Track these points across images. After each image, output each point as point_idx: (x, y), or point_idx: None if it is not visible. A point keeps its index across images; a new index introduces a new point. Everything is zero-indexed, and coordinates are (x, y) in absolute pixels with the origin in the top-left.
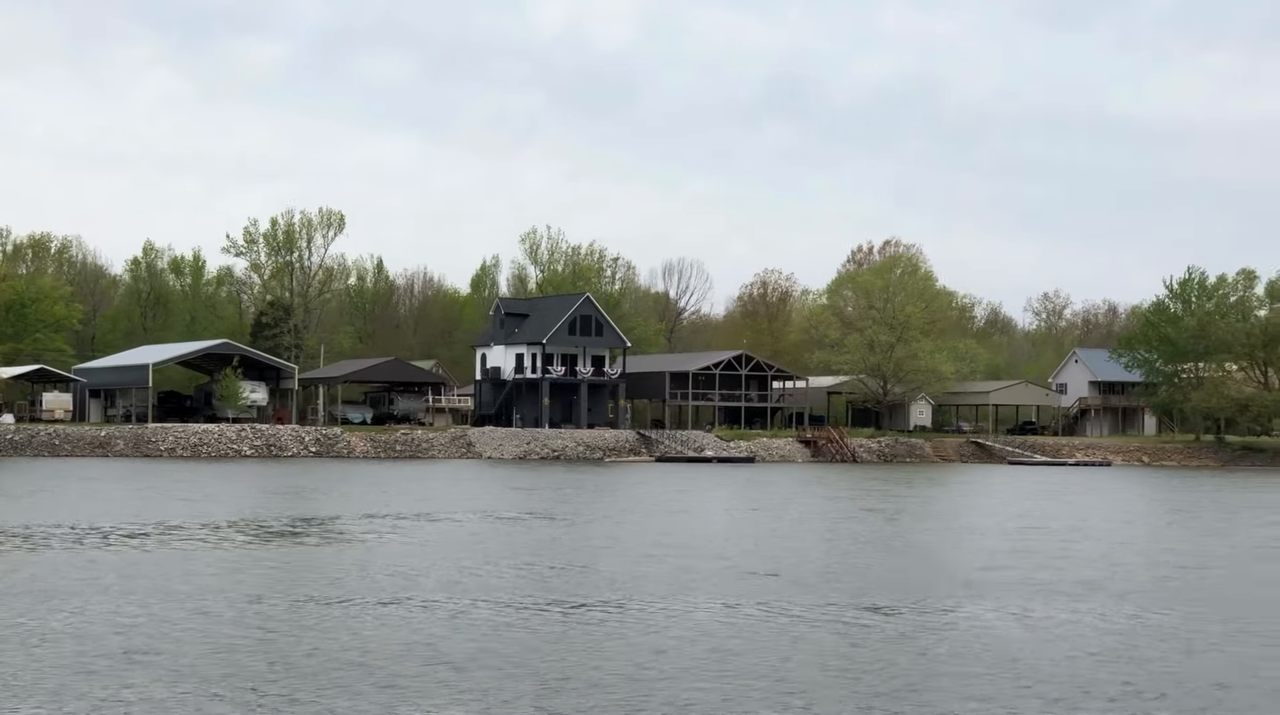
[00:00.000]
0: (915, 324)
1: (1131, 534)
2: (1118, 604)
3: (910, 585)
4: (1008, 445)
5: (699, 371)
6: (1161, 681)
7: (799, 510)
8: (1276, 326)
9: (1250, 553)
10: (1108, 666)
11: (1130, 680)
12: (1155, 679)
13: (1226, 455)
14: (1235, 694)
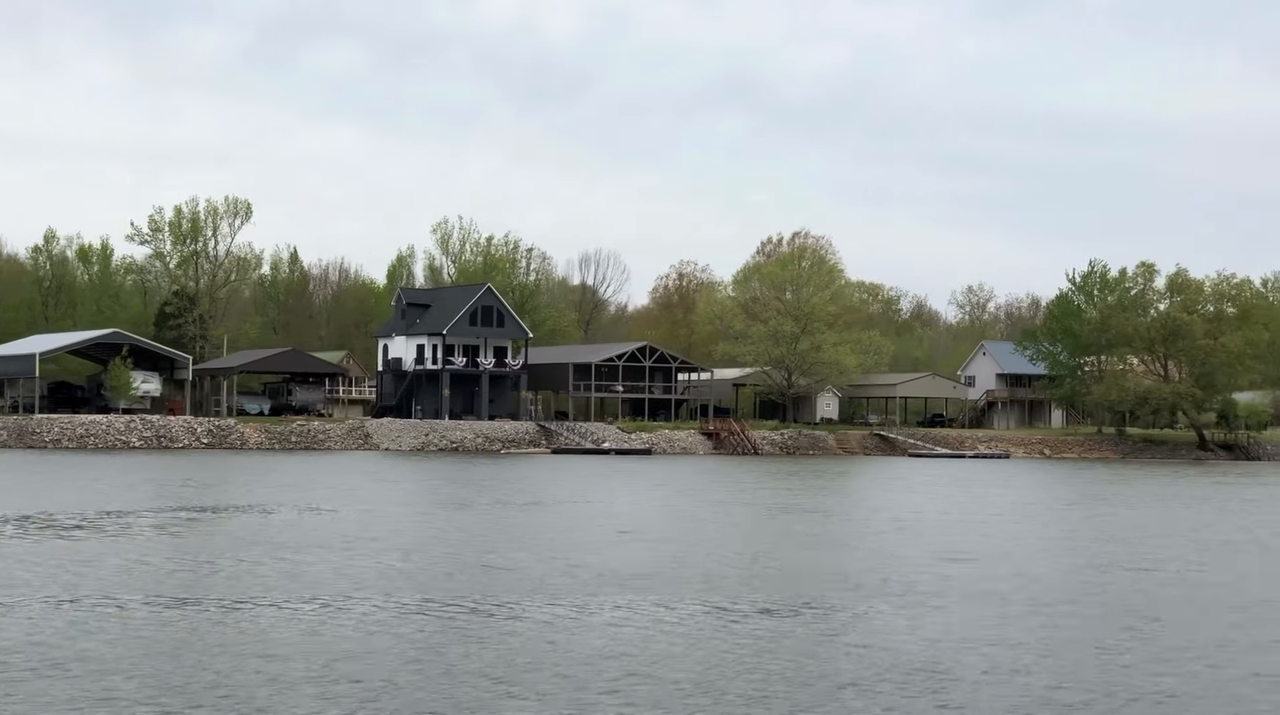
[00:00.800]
0: (820, 316)
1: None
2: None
3: (626, 579)
4: (911, 437)
5: (602, 363)
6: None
7: (648, 502)
8: (1175, 320)
9: (1062, 542)
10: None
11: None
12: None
13: (1126, 447)
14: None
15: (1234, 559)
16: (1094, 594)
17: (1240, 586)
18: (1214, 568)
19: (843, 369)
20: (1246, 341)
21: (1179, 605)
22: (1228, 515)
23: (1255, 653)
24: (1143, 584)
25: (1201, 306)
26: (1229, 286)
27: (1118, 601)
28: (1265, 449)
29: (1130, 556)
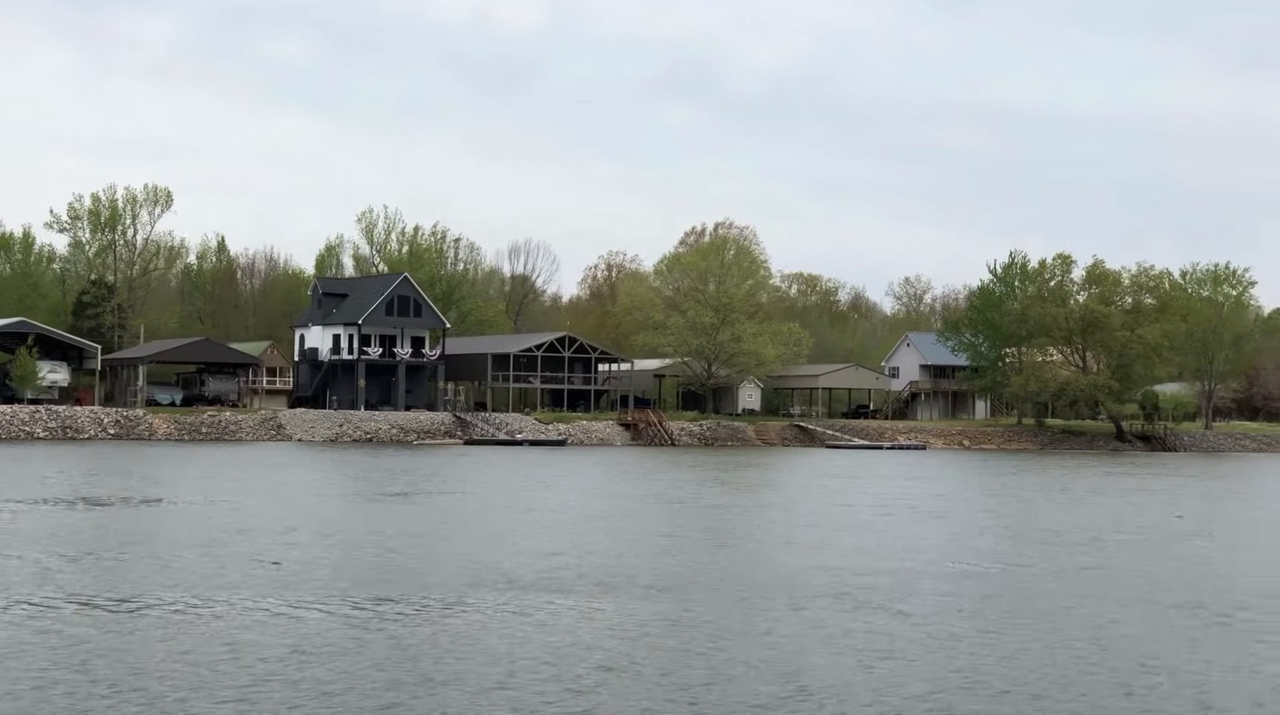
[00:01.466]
0: (739, 307)
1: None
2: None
3: (422, 576)
4: (829, 429)
5: (520, 354)
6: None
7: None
8: (1092, 312)
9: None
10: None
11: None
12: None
13: (1046, 438)
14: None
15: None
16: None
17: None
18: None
19: (762, 360)
20: (1163, 333)
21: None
22: (1086, 508)
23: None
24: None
25: (1120, 298)
26: (1147, 278)
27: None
28: (1183, 440)
29: (932, 553)
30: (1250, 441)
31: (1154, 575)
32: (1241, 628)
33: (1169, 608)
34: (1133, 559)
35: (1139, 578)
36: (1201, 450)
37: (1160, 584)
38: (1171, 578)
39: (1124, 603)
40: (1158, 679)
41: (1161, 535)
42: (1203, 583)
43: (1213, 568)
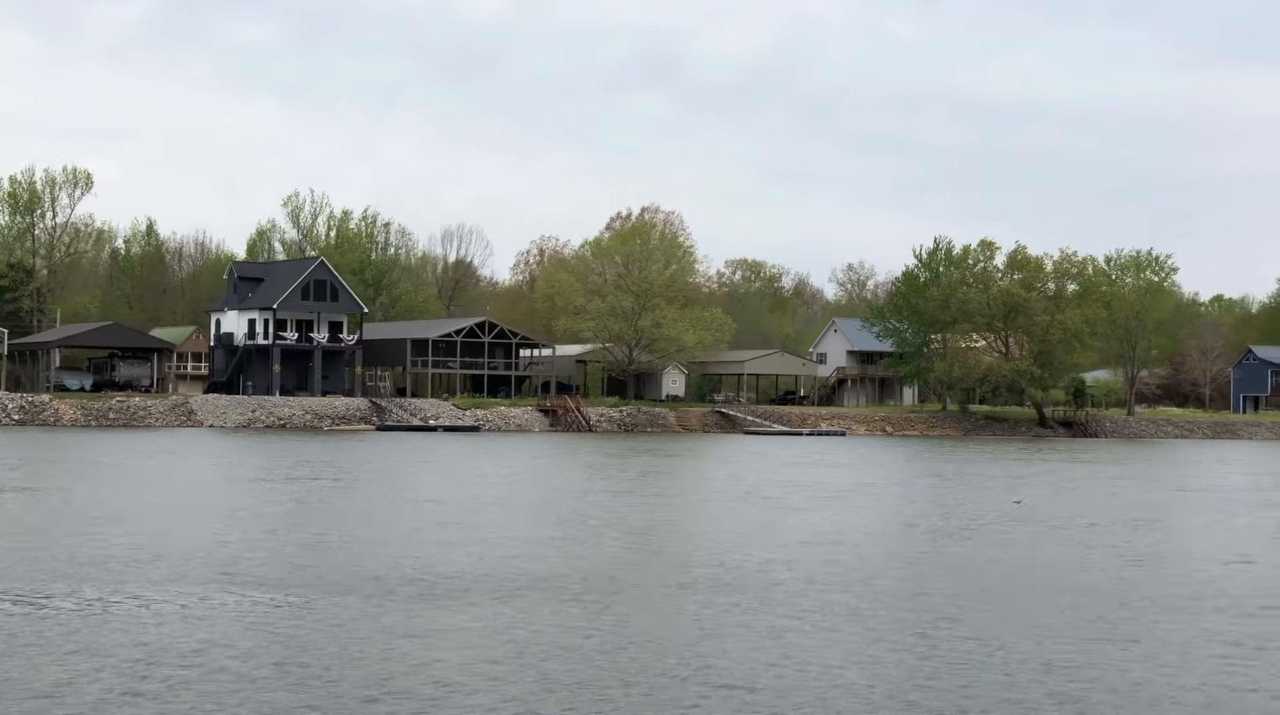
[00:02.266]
0: (659, 291)
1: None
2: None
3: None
4: (750, 415)
5: (439, 339)
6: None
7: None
8: (1015, 297)
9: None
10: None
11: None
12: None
13: (969, 425)
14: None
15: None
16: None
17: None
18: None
19: (682, 345)
20: (1084, 319)
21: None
22: (933, 495)
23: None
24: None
25: (1042, 284)
26: (1069, 264)
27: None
28: (1105, 426)
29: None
30: (1172, 427)
31: (908, 565)
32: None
33: (861, 599)
34: (902, 549)
35: (877, 567)
36: (1124, 436)
37: (894, 576)
38: (912, 571)
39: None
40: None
41: (977, 523)
42: (960, 575)
43: (976, 560)
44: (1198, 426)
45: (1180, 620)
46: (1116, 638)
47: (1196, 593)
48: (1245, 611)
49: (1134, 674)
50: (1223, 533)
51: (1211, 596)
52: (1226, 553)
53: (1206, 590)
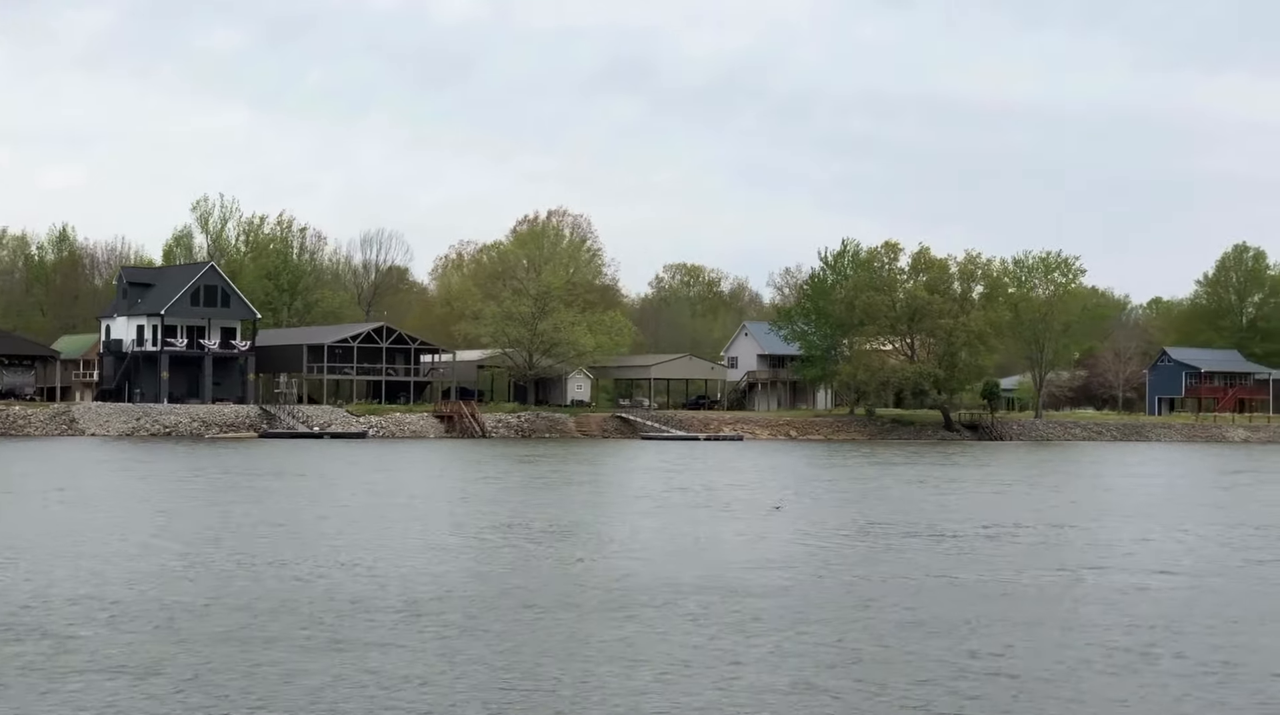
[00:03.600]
0: (557, 294)
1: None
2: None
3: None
4: (651, 420)
5: (335, 344)
6: None
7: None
8: (920, 300)
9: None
10: None
11: None
12: None
13: (875, 428)
14: None
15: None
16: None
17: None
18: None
19: (580, 350)
20: (988, 321)
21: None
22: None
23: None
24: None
25: (947, 286)
26: (974, 265)
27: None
28: (1012, 428)
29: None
30: (1080, 430)
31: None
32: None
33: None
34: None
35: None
36: (1030, 439)
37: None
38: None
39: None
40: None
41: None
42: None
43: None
44: (1107, 429)
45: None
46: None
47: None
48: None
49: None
50: (957, 547)
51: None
52: (927, 567)
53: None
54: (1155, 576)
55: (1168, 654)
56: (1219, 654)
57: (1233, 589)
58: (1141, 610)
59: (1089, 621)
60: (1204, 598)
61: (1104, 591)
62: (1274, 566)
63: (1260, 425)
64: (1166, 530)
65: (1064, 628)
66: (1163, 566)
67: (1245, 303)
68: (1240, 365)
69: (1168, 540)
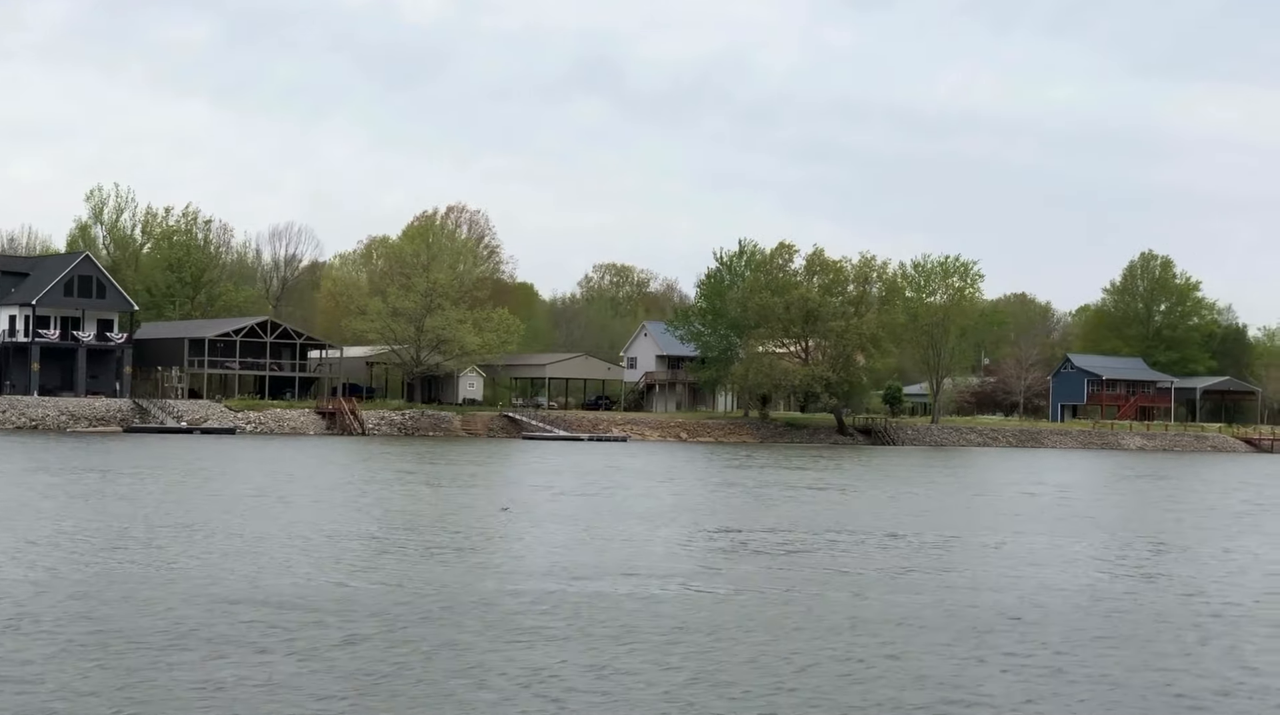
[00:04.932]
0: (443, 291)
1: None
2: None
3: None
4: (535, 420)
5: (217, 338)
6: None
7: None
8: (814, 302)
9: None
10: None
11: None
12: None
13: (768, 431)
14: None
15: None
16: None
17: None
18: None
19: (465, 348)
20: (880, 324)
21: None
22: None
23: None
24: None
25: (841, 289)
26: (869, 268)
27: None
28: (906, 433)
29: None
30: (975, 435)
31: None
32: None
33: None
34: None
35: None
36: (924, 444)
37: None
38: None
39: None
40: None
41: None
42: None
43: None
44: (1002, 435)
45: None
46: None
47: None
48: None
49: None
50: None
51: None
52: (633, 565)
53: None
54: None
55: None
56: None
57: (992, 602)
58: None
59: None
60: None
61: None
62: (1045, 575)
63: (1157, 433)
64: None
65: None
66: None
67: (1152, 311)
68: (1143, 373)
69: (965, 549)
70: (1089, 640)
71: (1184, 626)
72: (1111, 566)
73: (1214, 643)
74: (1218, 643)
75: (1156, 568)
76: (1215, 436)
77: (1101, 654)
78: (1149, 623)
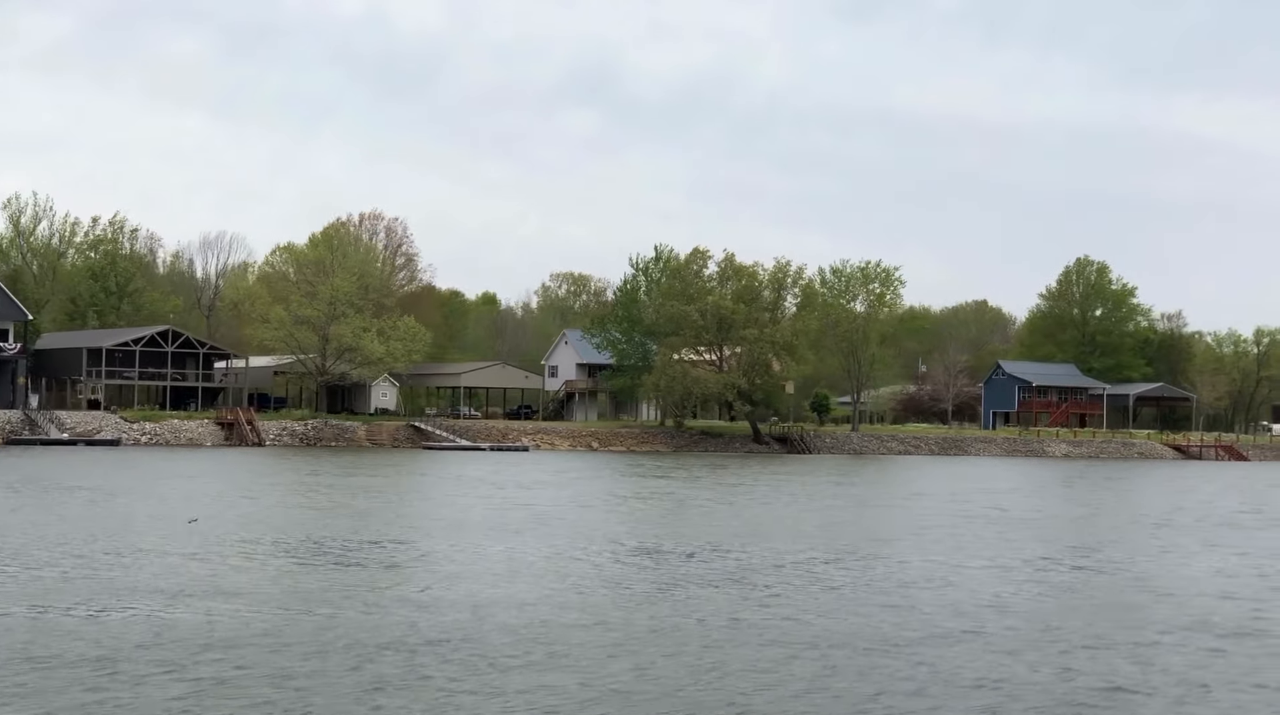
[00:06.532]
0: (345, 299)
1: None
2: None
3: None
4: (439, 429)
5: (115, 348)
6: None
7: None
8: (727, 309)
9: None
10: None
11: None
12: None
13: (682, 440)
14: None
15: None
16: None
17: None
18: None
19: (368, 357)
20: (794, 332)
21: None
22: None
23: None
24: None
25: (756, 294)
26: (783, 274)
27: None
28: (824, 441)
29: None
30: (896, 443)
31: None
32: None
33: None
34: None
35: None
36: (843, 452)
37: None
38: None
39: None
40: None
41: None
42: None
43: None
44: (925, 443)
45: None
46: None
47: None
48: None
49: None
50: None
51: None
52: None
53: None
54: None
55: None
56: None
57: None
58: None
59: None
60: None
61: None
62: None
63: (1084, 440)
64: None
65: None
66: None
67: (1087, 316)
68: (1076, 379)
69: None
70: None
71: (876, 643)
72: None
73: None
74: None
75: (847, 576)
76: (1143, 443)
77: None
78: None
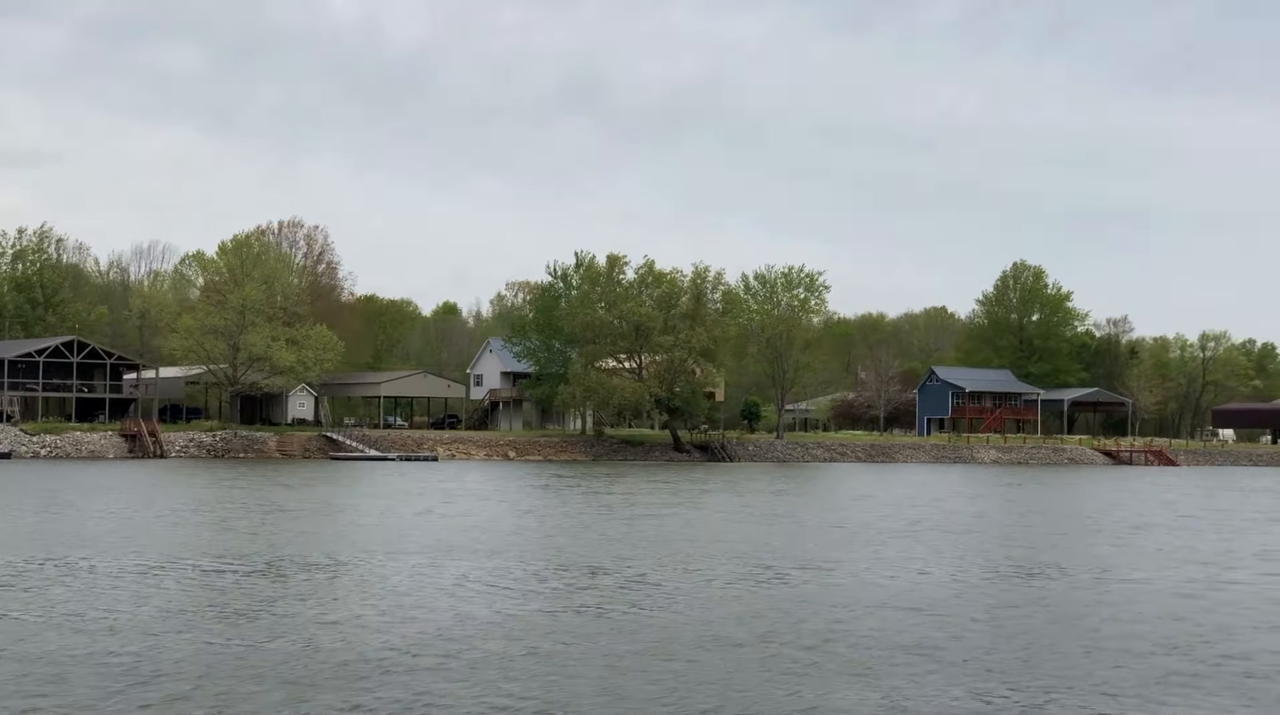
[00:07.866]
0: (256, 307)
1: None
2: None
3: None
4: (350, 439)
5: (18, 359)
6: None
7: None
8: (646, 316)
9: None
10: None
11: None
12: None
13: (602, 449)
14: None
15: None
16: None
17: None
18: None
19: (278, 367)
20: (712, 338)
21: None
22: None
23: None
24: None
25: (675, 301)
26: (702, 280)
27: None
28: (747, 449)
29: None
30: (822, 450)
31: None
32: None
33: None
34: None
35: None
36: (766, 460)
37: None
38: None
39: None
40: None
41: None
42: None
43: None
44: (851, 450)
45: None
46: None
47: None
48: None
49: None
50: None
51: None
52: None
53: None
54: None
55: None
56: None
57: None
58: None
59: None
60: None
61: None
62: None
63: (1015, 446)
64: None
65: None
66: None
67: (1024, 321)
68: (1010, 385)
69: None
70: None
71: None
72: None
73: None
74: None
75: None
76: (1073, 449)
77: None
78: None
